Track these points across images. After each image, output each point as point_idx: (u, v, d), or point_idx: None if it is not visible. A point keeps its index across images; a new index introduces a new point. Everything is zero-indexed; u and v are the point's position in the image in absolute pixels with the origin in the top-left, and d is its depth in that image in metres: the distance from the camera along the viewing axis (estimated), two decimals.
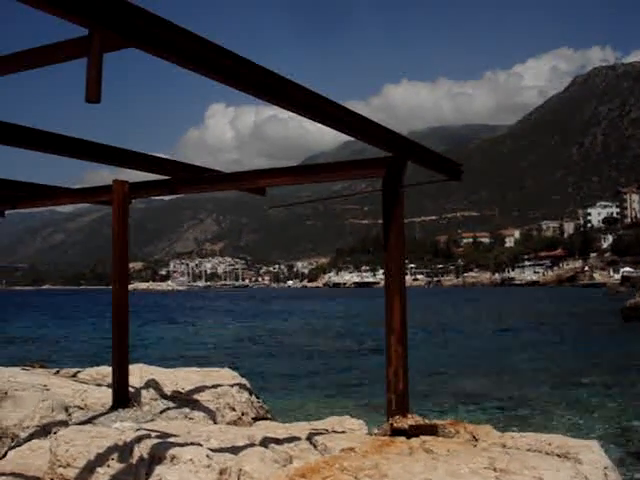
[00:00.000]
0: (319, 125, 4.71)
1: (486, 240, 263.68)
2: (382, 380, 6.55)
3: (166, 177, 7.68)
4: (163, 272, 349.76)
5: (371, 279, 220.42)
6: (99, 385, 9.53)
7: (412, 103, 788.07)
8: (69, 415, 7.76)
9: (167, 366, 11.26)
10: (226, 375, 10.19)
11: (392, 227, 5.74)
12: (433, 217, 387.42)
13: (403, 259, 5.91)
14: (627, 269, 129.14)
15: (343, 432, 6.50)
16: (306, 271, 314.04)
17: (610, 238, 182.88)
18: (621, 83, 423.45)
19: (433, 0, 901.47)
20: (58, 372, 10.73)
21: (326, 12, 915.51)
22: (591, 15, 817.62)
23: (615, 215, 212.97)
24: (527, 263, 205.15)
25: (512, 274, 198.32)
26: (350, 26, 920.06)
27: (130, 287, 8.92)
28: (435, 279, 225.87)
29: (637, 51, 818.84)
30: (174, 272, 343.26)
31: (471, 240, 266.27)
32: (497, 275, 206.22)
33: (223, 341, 37.52)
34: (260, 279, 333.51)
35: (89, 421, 7.61)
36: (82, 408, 8.37)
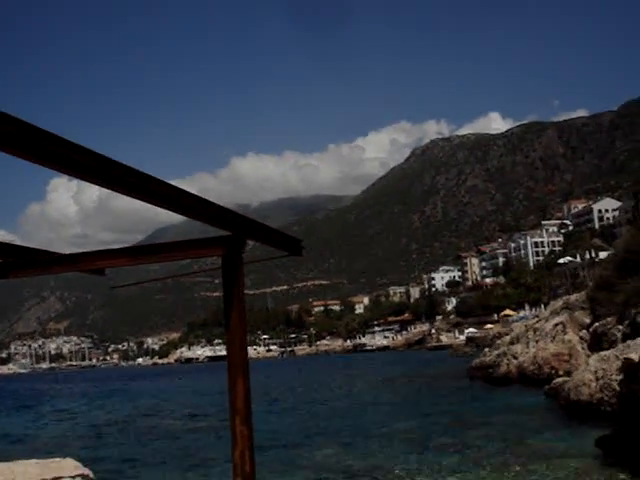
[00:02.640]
0: None
1: (337, 308, 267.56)
2: (230, 461, 6.37)
3: None
4: (3, 355, 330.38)
5: (224, 352, 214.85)
6: None
7: (260, 175, 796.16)
8: None
9: (3, 459, 10.50)
10: (68, 465, 9.59)
11: (233, 306, 5.69)
12: (285, 287, 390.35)
13: (245, 337, 5.85)
14: (471, 330, 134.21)
15: None
16: (157, 347, 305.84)
17: (454, 301, 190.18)
18: (457, 154, 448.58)
19: (274, 75, 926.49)
20: None
21: (168, 87, 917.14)
22: (426, 91, 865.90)
23: (457, 278, 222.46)
24: (377, 329, 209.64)
25: (363, 340, 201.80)
26: (194, 101, 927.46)
27: None
28: (289, 349, 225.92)
29: (469, 124, 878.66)
30: (15, 354, 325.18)
31: (322, 308, 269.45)
32: (349, 342, 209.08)
33: (66, 427, 35.65)
34: (108, 358, 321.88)
35: None
36: None
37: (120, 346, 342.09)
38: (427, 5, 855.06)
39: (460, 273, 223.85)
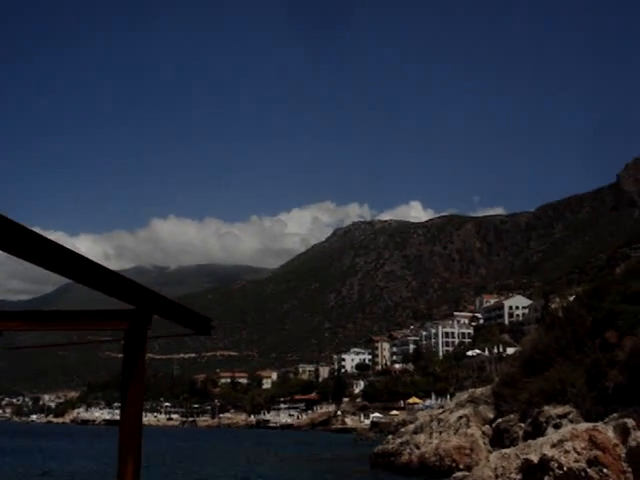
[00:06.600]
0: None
1: (244, 381, 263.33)
2: None
3: None
4: None
5: None
6: None
7: (181, 239, 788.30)
8: None
9: None
10: None
11: (132, 385, 5.37)
12: (193, 355, 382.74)
13: (141, 419, 5.52)
14: (376, 414, 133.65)
15: None
16: (53, 405, 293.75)
17: (362, 384, 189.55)
18: (377, 238, 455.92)
19: (201, 139, 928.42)
20: None
21: (91, 139, 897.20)
22: (351, 175, 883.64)
23: (367, 362, 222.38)
24: (283, 406, 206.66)
25: (268, 416, 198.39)
26: (118, 157, 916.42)
27: None
28: (190, 419, 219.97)
29: (390, 210, 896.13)
30: None
31: (229, 380, 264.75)
32: (253, 417, 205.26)
33: None
34: (1, 411, 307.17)
35: None
36: None
37: (15, 400, 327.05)
38: (356, 95, 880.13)
39: (371, 357, 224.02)
